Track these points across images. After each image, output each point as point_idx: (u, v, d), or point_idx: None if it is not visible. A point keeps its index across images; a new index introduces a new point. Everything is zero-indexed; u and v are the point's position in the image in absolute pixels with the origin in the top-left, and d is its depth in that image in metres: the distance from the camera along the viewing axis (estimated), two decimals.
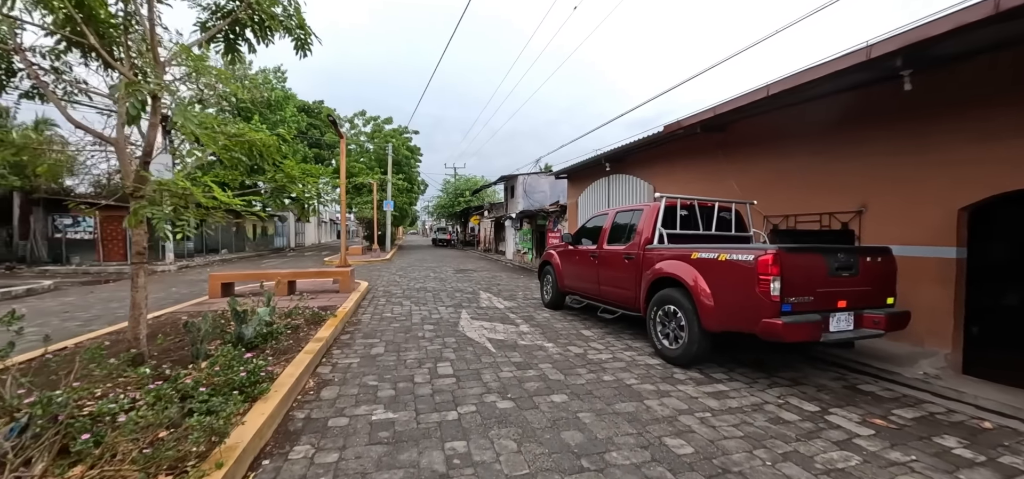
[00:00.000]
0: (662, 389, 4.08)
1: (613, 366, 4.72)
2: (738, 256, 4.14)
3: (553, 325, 6.69)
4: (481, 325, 6.62)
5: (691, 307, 4.56)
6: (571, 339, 5.83)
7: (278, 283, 8.26)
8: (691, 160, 8.70)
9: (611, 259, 6.16)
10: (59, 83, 4.76)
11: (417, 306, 8.24)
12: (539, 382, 4.20)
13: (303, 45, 5.05)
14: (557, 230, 15.63)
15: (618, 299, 6.00)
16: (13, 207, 16.23)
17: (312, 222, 46.56)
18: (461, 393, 3.90)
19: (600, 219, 6.94)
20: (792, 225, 6.68)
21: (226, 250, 26.18)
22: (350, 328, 6.32)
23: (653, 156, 9.84)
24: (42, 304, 8.92)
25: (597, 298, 6.56)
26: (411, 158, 34.55)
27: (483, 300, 9.05)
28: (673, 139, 8.78)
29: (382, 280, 12.65)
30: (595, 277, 6.51)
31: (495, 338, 5.82)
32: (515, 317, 7.25)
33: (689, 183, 8.54)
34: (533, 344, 5.56)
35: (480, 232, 35.87)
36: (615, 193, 11.43)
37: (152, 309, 7.80)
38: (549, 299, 8.02)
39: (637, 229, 5.74)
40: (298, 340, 5.02)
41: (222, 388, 3.14)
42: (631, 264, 5.68)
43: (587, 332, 6.22)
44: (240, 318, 4.43)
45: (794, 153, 6.57)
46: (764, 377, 4.47)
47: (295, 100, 30.02)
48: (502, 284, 11.98)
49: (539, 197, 25.18)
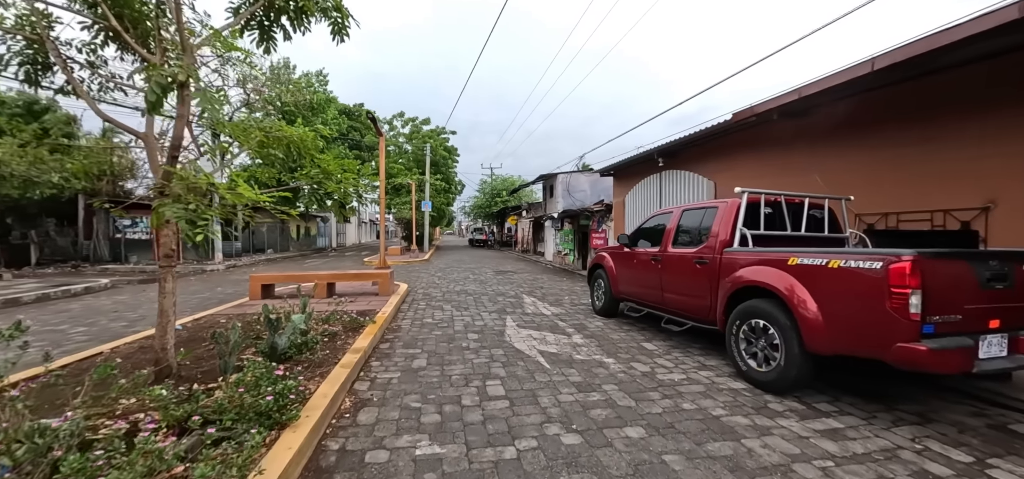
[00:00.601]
0: (760, 424, 3.35)
1: (690, 390, 4.01)
2: (859, 263, 3.34)
3: (609, 336, 6.01)
4: (529, 334, 6.04)
5: (789, 323, 3.80)
6: (633, 354, 5.15)
7: (317, 285, 8.01)
8: (759, 152, 7.77)
9: (678, 264, 5.43)
10: (95, 78, 4.59)
11: (459, 311, 7.77)
12: (607, 409, 3.57)
13: (341, 29, 4.65)
14: (602, 231, 14.84)
15: (687, 309, 5.26)
16: (78, 209, 17.15)
17: (352, 223, 47.66)
18: (517, 421, 3.33)
19: (662, 219, 6.21)
20: (893, 225, 5.71)
21: (272, 250, 26.96)
22: (389, 335, 5.90)
23: (713, 149, 8.94)
24: (96, 302, 9.11)
25: (660, 307, 5.83)
26: (448, 158, 34.50)
27: (528, 305, 8.48)
28: (738, 130, 7.89)
29: (421, 282, 12.32)
30: (658, 284, 5.78)
31: (547, 351, 5.23)
32: (565, 326, 6.63)
33: (758, 178, 7.63)
34: (591, 359, 4.93)
35: (517, 232, 35.37)
36: (668, 191, 10.57)
37: (195, 310, 7.74)
38: (601, 306, 7.34)
39: (711, 230, 4.99)
40: (335, 350, 4.62)
41: (246, 413, 2.71)
42: (704, 270, 4.94)
43: (649, 346, 5.51)
44: (273, 327, 4.05)
45: (895, 141, 5.59)
46: (883, 409, 3.64)
47: (336, 103, 30.58)
48: (545, 287, 11.37)
49: (579, 196, 24.38)
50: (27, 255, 16.47)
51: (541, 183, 28.61)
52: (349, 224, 46.16)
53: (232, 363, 3.51)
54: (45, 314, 7.86)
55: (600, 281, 7.45)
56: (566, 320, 7.05)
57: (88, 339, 6.06)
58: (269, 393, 2.83)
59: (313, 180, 4.27)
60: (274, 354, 4.06)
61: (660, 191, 10.91)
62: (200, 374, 3.81)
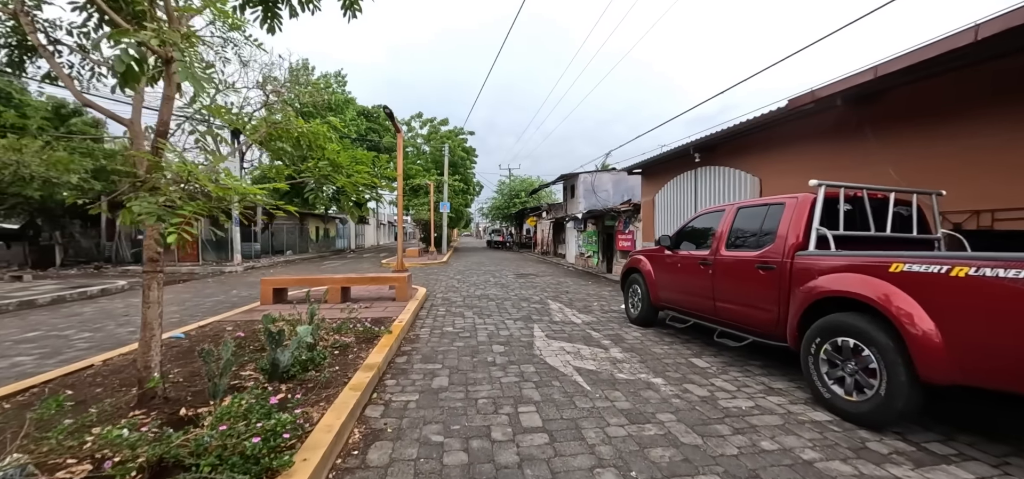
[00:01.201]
0: (866, 473, 2.65)
1: (765, 423, 3.33)
2: (998, 271, 2.62)
3: (651, 349, 5.34)
4: (561, 347, 5.41)
5: (892, 344, 3.08)
6: (683, 373, 4.47)
7: (331, 289, 7.54)
8: (814, 144, 6.97)
9: (735, 269, 4.73)
10: (87, 63, 4.18)
11: (481, 318, 7.19)
12: (669, 448, 2.92)
13: (351, 5, 4.13)
14: (629, 232, 14.08)
15: (747, 321, 4.56)
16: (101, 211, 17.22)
17: (371, 224, 47.74)
18: (561, 464, 2.71)
19: (710, 218, 5.51)
20: (986, 224, 4.89)
21: (291, 252, 26.95)
22: (407, 347, 5.35)
23: (758, 143, 8.15)
24: (110, 305, 8.85)
25: (711, 317, 5.14)
26: (466, 159, 34.06)
27: (554, 312, 7.84)
28: (788, 120, 7.10)
29: (440, 285, 11.80)
30: (709, 291, 5.09)
31: (584, 368, 4.59)
32: (599, 336, 5.97)
33: (813, 173, 6.83)
34: (636, 378, 4.27)
35: (536, 234, 34.68)
36: (705, 189, 9.79)
37: (207, 315, 7.36)
38: (638, 314, 6.65)
39: (778, 231, 4.28)
40: (346, 366, 4.08)
41: (229, 457, 2.17)
42: (770, 277, 4.23)
43: (700, 362, 4.83)
44: (275, 341, 3.53)
45: (992, 128, 4.78)
46: (1014, 453, 2.90)
47: (355, 104, 30.52)
48: (570, 291, 10.71)
49: (602, 197, 23.62)
50: (52, 256, 16.62)
51: (561, 183, 27.92)
52: (368, 226, 46.24)
53: (223, 386, 2.99)
54: (56, 317, 7.59)
55: (636, 287, 6.77)
56: (599, 330, 6.40)
57: (89, 347, 5.70)
58: (258, 432, 2.28)
59: (320, 174, 3.74)
60: (276, 372, 3.54)
61: (695, 189, 10.14)
62: (190, 396, 3.31)
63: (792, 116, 6.82)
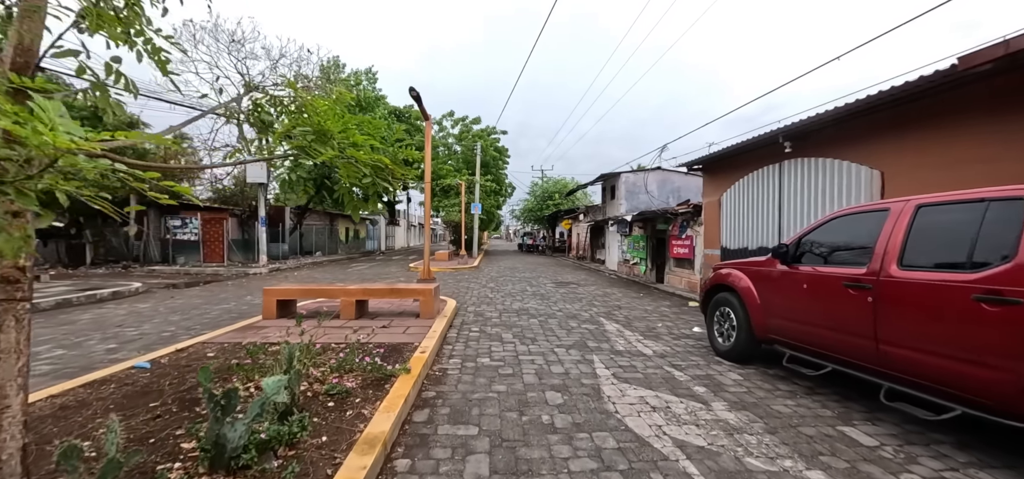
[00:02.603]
0: None
1: None
2: None
3: (769, 406, 3.76)
4: (641, 397, 3.91)
5: None
6: (848, 458, 2.89)
7: (344, 303, 6.30)
8: (967, 127, 5.17)
9: (922, 299, 3.11)
10: None
11: (524, 344, 5.76)
12: None
13: None
14: (686, 237, 12.32)
15: (954, 381, 2.93)
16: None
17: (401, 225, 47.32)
18: None
19: (858, 222, 3.91)
20: None
21: (320, 253, 26.44)
22: (430, 392, 3.98)
23: (881, 124, 6.34)
24: (112, 312, 7.98)
25: (871, 366, 3.51)
26: (499, 159, 32.77)
27: (613, 335, 6.32)
28: (944, 90, 5.31)
29: (471, 295, 10.46)
30: (867, 327, 3.47)
31: (689, 442, 3.08)
32: (687, 379, 4.43)
33: (972, 165, 5.06)
34: (779, 470, 2.73)
35: (572, 237, 32.98)
36: (795, 187, 8.02)
37: (204, 330, 6.27)
38: (733, 346, 5.05)
39: (1021, 244, 2.65)
40: (338, 434, 2.75)
41: None
42: (998, 315, 2.61)
43: (855, 433, 3.23)
44: (223, 407, 2.22)
45: None
46: None
47: (386, 103, 29.84)
48: (624, 306, 9.13)
49: (644, 198, 21.81)
50: (83, 255, 16.42)
51: (600, 183, 26.23)
52: (398, 227, 45.82)
53: None
54: (47, 328, 6.70)
55: (728, 310, 5.17)
56: (682, 367, 4.84)
57: (52, 369, 4.66)
58: None
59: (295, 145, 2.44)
60: (220, 457, 2.23)
61: (780, 187, 8.36)
62: None
63: (954, 84, 5.04)
